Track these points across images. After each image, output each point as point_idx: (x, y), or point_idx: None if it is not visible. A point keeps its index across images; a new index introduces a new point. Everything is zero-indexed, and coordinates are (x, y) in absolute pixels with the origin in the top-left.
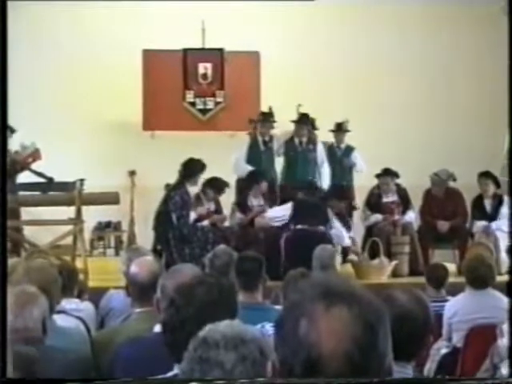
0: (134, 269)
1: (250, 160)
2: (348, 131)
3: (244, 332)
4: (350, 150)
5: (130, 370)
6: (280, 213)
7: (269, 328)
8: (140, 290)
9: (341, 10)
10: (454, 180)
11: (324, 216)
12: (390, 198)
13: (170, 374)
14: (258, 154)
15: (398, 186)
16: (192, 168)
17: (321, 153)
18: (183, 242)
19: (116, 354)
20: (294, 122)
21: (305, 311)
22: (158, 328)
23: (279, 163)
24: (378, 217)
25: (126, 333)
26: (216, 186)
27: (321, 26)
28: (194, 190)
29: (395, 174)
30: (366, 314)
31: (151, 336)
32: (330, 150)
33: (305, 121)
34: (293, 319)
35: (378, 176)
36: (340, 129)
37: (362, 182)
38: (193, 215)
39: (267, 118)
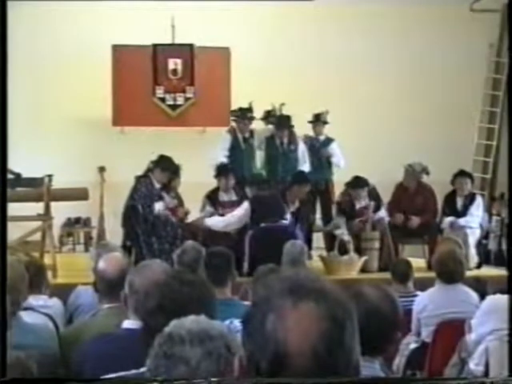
0: (101, 265)
1: (231, 157)
2: (326, 122)
3: (210, 328)
4: (328, 141)
5: (99, 366)
6: (237, 218)
7: (237, 324)
8: (108, 286)
9: (313, 5)
10: (427, 173)
11: (281, 209)
12: (363, 202)
13: (142, 369)
14: (239, 152)
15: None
16: (162, 163)
17: (303, 153)
18: (152, 237)
19: (85, 350)
20: (274, 124)
21: (272, 307)
22: (126, 324)
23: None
24: (344, 232)
25: (94, 328)
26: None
27: (292, 21)
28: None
29: (366, 183)
30: (333, 310)
31: (120, 332)
32: (309, 141)
33: (285, 124)
34: (260, 315)
35: (349, 185)
36: (318, 119)
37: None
38: (158, 206)
39: (245, 113)
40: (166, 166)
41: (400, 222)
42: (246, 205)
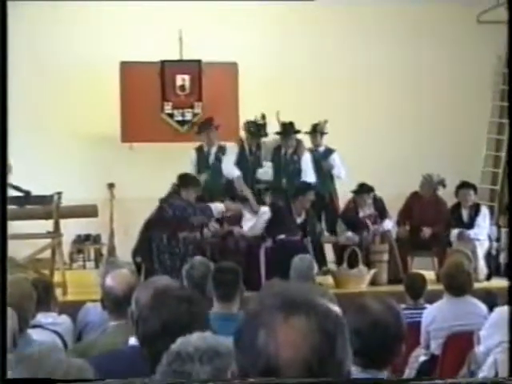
0: (109, 282)
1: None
2: (324, 133)
3: (217, 344)
4: (329, 152)
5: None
6: (257, 225)
7: None
8: (115, 303)
9: (318, 18)
10: (444, 186)
11: (293, 221)
12: (367, 211)
13: None
14: (244, 163)
15: (374, 196)
16: (187, 180)
17: (306, 163)
18: (165, 253)
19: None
20: (279, 133)
21: (263, 321)
22: (132, 341)
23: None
24: (349, 236)
25: (101, 346)
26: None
27: (299, 36)
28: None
29: (371, 189)
30: (324, 323)
31: (126, 349)
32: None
33: (289, 131)
34: (251, 329)
35: (354, 192)
36: (315, 130)
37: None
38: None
39: (259, 129)
40: (193, 183)
41: (406, 235)
42: (265, 210)
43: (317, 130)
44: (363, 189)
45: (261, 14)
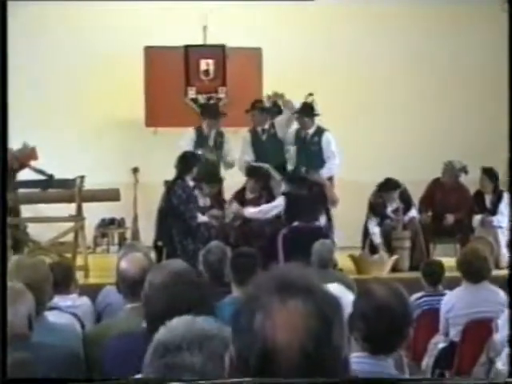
0: (123, 265)
1: (255, 154)
2: (316, 115)
3: (205, 328)
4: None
5: (118, 364)
6: (270, 208)
7: None
8: (129, 286)
9: (344, 7)
10: (466, 172)
11: (315, 208)
12: (394, 205)
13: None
14: (260, 145)
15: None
16: (189, 161)
17: (327, 145)
18: (187, 238)
19: (105, 349)
20: (296, 112)
21: (260, 304)
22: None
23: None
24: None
25: (116, 328)
26: (210, 180)
27: (324, 22)
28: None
29: (398, 186)
30: (321, 307)
31: (140, 331)
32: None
33: (307, 111)
34: (249, 312)
35: (380, 188)
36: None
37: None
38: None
39: (258, 107)
40: (195, 164)
41: (428, 222)
42: (280, 199)
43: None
44: (390, 185)
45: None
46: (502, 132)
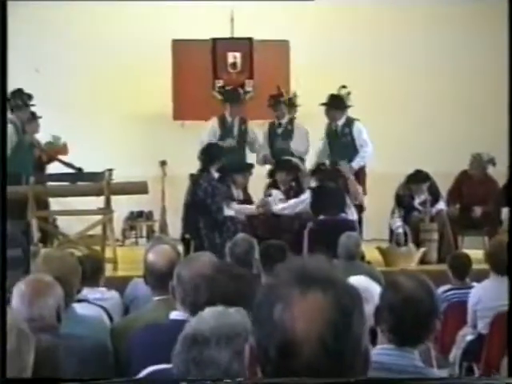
0: (151, 257)
1: (269, 146)
2: (348, 106)
3: (233, 323)
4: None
5: (145, 355)
6: (297, 203)
7: None
8: (157, 279)
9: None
10: (494, 164)
11: (342, 201)
12: (422, 197)
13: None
14: (273, 138)
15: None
16: (214, 153)
17: (359, 134)
18: (214, 231)
19: (132, 340)
20: (323, 104)
21: (280, 295)
22: (173, 315)
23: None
24: (397, 223)
25: (143, 320)
26: (239, 168)
27: (349, 16)
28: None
29: (428, 178)
30: (340, 298)
31: (167, 322)
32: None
33: (335, 104)
34: (268, 303)
35: (410, 180)
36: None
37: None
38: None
39: (277, 100)
40: (220, 155)
41: (456, 214)
42: (306, 193)
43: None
44: (420, 177)
45: None
46: None
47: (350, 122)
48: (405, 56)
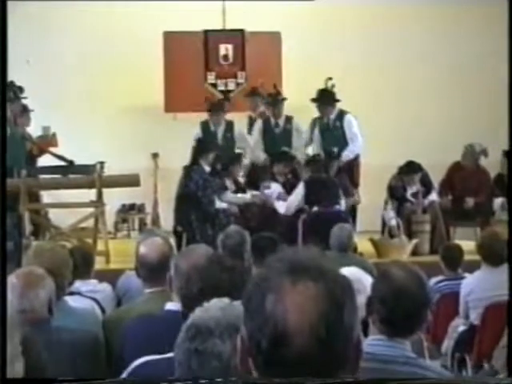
0: (142, 250)
1: (265, 143)
2: (338, 100)
3: (236, 315)
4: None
5: (139, 346)
6: (293, 201)
7: None
8: (149, 271)
9: None
10: (486, 155)
11: (335, 193)
12: (414, 188)
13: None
14: (271, 137)
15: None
16: (203, 146)
17: (349, 127)
18: (206, 224)
19: (126, 331)
20: (314, 100)
21: (271, 286)
22: (169, 305)
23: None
24: (390, 215)
25: (136, 312)
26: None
27: (343, 7)
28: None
29: (420, 169)
30: (332, 289)
31: (161, 313)
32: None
33: (326, 99)
34: (260, 294)
35: (402, 171)
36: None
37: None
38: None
39: (275, 99)
40: (212, 148)
41: (448, 205)
42: (300, 186)
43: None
44: (412, 168)
45: None
46: None
47: (341, 115)
48: (398, 48)
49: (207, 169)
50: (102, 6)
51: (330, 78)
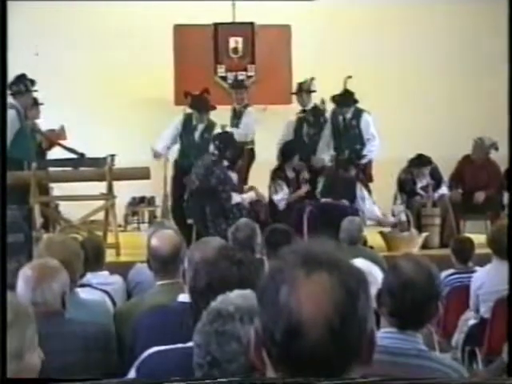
0: (154, 242)
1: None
2: (312, 91)
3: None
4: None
5: (150, 338)
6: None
7: None
8: (161, 264)
9: None
10: (496, 149)
11: (351, 191)
12: (424, 181)
13: (189, 344)
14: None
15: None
16: (228, 142)
17: (366, 128)
18: (220, 217)
19: (137, 323)
20: (334, 101)
21: (285, 278)
22: (181, 297)
23: None
24: (399, 209)
25: (147, 304)
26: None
27: (351, 3)
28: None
29: (429, 162)
30: (346, 280)
31: (174, 305)
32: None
33: (347, 101)
34: (274, 286)
35: (411, 163)
36: (301, 90)
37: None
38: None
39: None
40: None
41: (458, 199)
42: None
43: (302, 89)
44: (421, 161)
45: None
46: None
47: (357, 114)
48: (406, 43)
49: (225, 163)
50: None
51: (350, 77)
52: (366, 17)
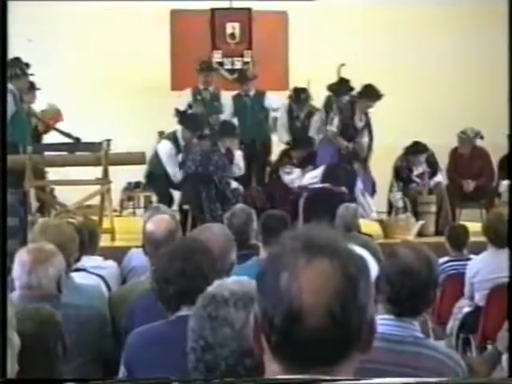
0: (149, 226)
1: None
2: (254, 77)
3: (253, 290)
4: (261, 95)
5: (145, 321)
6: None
7: None
8: (156, 248)
9: None
10: (481, 138)
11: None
12: (420, 169)
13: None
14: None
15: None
16: (228, 129)
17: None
18: (216, 203)
19: (132, 307)
20: (331, 90)
21: (285, 264)
22: None
23: None
24: (396, 196)
25: (142, 289)
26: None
27: None
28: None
29: (426, 149)
30: (346, 266)
31: None
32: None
33: (342, 89)
34: (274, 272)
35: (407, 150)
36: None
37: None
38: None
39: (300, 94)
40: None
41: (468, 188)
42: (318, 170)
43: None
44: (418, 149)
45: None
46: None
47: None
48: (402, 33)
49: (223, 150)
50: None
51: (343, 65)
52: (363, 3)
